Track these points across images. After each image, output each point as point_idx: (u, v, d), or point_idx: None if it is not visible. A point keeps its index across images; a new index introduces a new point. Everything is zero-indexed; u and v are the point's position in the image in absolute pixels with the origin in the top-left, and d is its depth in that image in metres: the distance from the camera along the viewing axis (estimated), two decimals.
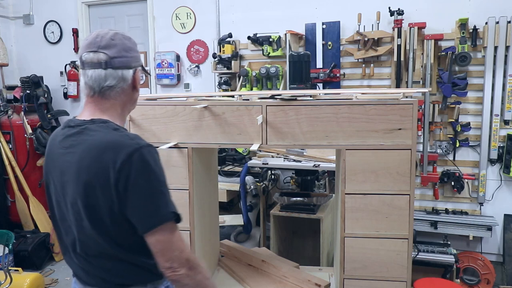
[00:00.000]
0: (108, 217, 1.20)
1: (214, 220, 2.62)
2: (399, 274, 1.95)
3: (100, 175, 1.17)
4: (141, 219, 1.19)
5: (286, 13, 3.91)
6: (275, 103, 1.94)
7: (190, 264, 1.23)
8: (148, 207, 1.18)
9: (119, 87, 1.27)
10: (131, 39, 1.36)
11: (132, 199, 1.17)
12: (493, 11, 3.30)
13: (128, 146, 1.18)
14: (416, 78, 3.53)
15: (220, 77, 4.09)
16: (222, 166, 3.71)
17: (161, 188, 1.20)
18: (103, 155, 1.17)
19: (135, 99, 1.38)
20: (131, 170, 1.16)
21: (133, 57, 1.31)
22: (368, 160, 1.90)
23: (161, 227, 1.19)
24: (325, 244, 3.02)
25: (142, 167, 1.17)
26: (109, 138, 1.21)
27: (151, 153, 1.20)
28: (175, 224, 1.22)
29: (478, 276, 3.39)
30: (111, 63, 1.25)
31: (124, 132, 1.25)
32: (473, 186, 3.54)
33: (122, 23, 4.67)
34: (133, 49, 1.33)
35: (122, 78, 1.27)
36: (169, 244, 1.20)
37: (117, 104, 1.30)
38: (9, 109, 4.28)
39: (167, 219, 1.19)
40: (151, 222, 1.18)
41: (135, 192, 1.17)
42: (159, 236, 1.19)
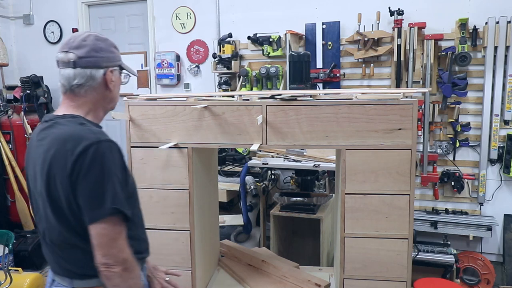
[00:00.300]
0: (67, 207, 1.24)
1: (214, 220, 2.62)
2: (399, 274, 1.95)
3: (60, 165, 1.23)
4: (86, 210, 1.22)
5: (286, 13, 3.91)
6: (275, 103, 1.94)
7: (127, 265, 1.25)
8: (94, 199, 1.21)
9: (88, 85, 1.34)
10: (107, 40, 1.41)
11: (82, 190, 1.21)
12: (493, 11, 3.30)
13: (88, 139, 1.23)
14: (416, 78, 3.53)
15: (220, 77, 4.09)
16: (222, 166, 3.71)
17: (111, 183, 1.22)
18: (64, 147, 1.23)
19: (111, 98, 1.43)
20: (85, 161, 1.20)
21: (103, 58, 1.36)
22: (368, 160, 1.90)
23: (103, 221, 1.21)
24: (325, 244, 3.02)
25: (95, 160, 1.21)
26: (73, 131, 1.27)
27: (109, 148, 1.24)
28: (119, 221, 1.25)
29: (478, 276, 3.39)
30: (79, 62, 1.32)
31: (89, 127, 1.30)
32: (473, 186, 3.54)
33: (122, 23, 4.67)
34: (105, 49, 1.37)
35: (90, 77, 1.33)
36: (108, 239, 1.23)
37: (88, 101, 1.36)
38: (9, 109, 4.28)
39: (109, 213, 1.21)
40: (94, 214, 1.21)
41: (85, 183, 1.21)
42: (100, 230, 1.22)
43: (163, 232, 2.09)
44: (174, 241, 2.09)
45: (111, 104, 1.46)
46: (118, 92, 1.46)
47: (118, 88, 1.45)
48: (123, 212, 1.24)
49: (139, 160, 2.05)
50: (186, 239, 2.08)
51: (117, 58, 1.42)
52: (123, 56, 1.50)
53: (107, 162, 1.23)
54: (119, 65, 1.42)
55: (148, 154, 2.04)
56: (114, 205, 1.22)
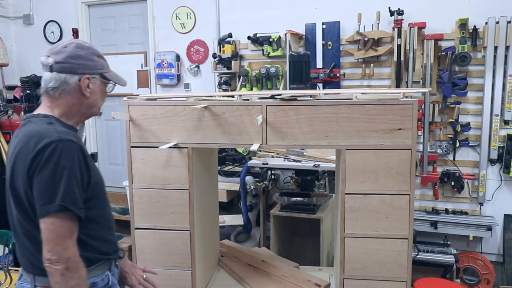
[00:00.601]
0: (26, 200, 1.31)
1: (214, 220, 2.62)
2: (399, 274, 1.95)
3: (22, 160, 1.31)
4: (38, 205, 1.28)
5: (286, 13, 3.91)
6: (275, 103, 1.94)
7: (69, 264, 1.28)
8: (45, 194, 1.27)
9: (61, 89, 1.41)
10: (91, 49, 1.48)
11: (36, 184, 1.28)
12: (493, 11, 3.30)
13: (49, 137, 1.29)
14: (416, 78, 3.53)
15: (220, 77, 4.09)
16: (222, 166, 3.71)
17: (64, 181, 1.27)
18: (28, 143, 1.31)
19: (89, 104, 1.48)
20: (43, 158, 1.27)
21: (80, 65, 1.43)
22: (368, 160, 1.90)
23: (51, 217, 1.27)
24: (325, 244, 3.02)
25: (52, 157, 1.27)
26: (39, 129, 1.34)
27: (69, 147, 1.30)
28: (69, 219, 1.29)
29: (478, 276, 3.39)
30: (55, 67, 1.41)
31: (55, 126, 1.36)
32: (473, 186, 3.54)
33: (122, 23, 4.67)
34: (83, 57, 1.43)
35: (64, 82, 1.41)
36: (55, 235, 1.27)
37: (62, 104, 1.44)
38: (9, 109, 4.28)
39: (57, 210, 1.26)
40: (43, 209, 1.27)
41: (39, 178, 1.27)
42: (48, 225, 1.27)
43: (163, 232, 2.09)
44: (174, 241, 2.09)
45: (90, 110, 1.51)
46: (100, 99, 1.52)
47: (100, 95, 1.51)
48: (72, 211, 1.28)
49: (139, 160, 2.05)
50: (186, 239, 2.08)
51: (97, 66, 1.47)
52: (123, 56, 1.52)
53: (63, 160, 1.28)
54: (100, 73, 1.48)
55: (148, 154, 2.04)
56: (63, 202, 1.26)
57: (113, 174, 4.95)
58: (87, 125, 4.87)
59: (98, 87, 1.49)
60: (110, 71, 1.54)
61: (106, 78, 1.51)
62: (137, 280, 1.68)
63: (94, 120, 4.92)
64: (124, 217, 4.25)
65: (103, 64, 1.51)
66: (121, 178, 4.52)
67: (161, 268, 2.11)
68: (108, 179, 5.04)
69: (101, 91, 1.51)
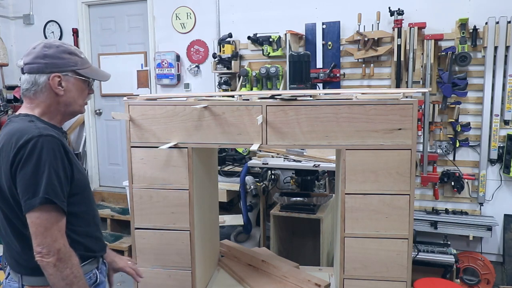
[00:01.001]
0: (11, 197, 1.33)
1: (214, 220, 2.62)
2: (399, 274, 1.95)
3: (5, 157, 1.33)
4: (22, 200, 1.30)
5: (286, 13, 3.92)
6: (275, 103, 1.94)
7: (60, 255, 1.30)
8: (29, 189, 1.29)
9: (33, 90, 1.42)
10: (61, 47, 1.46)
11: (19, 180, 1.30)
12: (493, 11, 3.30)
13: (30, 133, 1.31)
14: (416, 78, 3.53)
15: (220, 77, 4.09)
16: (222, 166, 3.71)
17: (46, 175, 1.29)
18: (10, 140, 1.33)
19: (66, 102, 1.47)
20: (24, 153, 1.29)
21: (47, 64, 1.42)
22: (368, 160, 1.90)
23: (36, 210, 1.28)
24: (325, 244, 3.02)
25: (33, 152, 1.29)
26: (20, 126, 1.36)
27: (49, 142, 1.31)
28: (54, 211, 1.31)
29: (478, 276, 3.39)
30: (25, 68, 1.43)
31: (36, 124, 1.37)
32: (473, 186, 3.54)
33: (122, 23, 4.67)
34: (50, 56, 1.42)
35: (35, 82, 1.42)
36: (42, 228, 1.29)
37: (40, 104, 1.44)
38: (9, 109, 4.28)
39: (40, 202, 1.28)
40: (28, 204, 1.29)
41: (22, 174, 1.29)
42: (34, 219, 1.29)
43: (163, 232, 2.09)
44: (174, 241, 2.09)
45: (70, 108, 1.49)
46: (78, 97, 1.49)
47: (77, 93, 1.48)
48: (56, 203, 1.30)
49: (139, 160, 2.05)
50: (186, 239, 2.08)
51: (68, 64, 1.45)
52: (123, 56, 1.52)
53: (44, 155, 1.30)
54: (73, 70, 1.46)
55: (148, 154, 2.04)
56: (46, 195, 1.28)
57: (113, 174, 4.95)
58: (87, 125, 4.87)
59: (73, 85, 1.47)
60: (86, 67, 1.51)
61: (81, 75, 1.48)
62: (125, 263, 1.73)
63: (94, 120, 4.92)
64: (124, 217, 4.25)
65: (76, 61, 1.48)
66: (121, 178, 4.53)
67: (161, 268, 2.12)
68: (108, 179, 5.10)
69: (78, 88, 1.49)
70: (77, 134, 4.95)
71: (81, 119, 4.86)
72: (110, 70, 4.71)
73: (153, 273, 2.11)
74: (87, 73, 1.50)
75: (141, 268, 2.11)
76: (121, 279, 3.70)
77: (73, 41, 4.72)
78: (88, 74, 1.50)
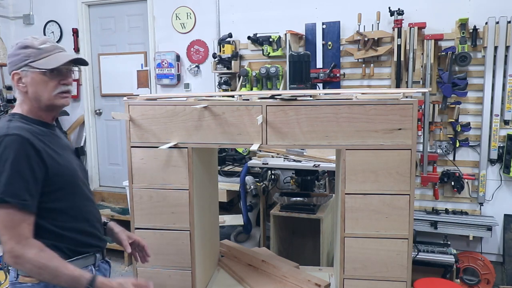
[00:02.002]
0: None
1: (214, 220, 2.62)
2: (399, 274, 1.95)
3: None
4: None
5: (286, 13, 3.91)
6: (275, 103, 1.94)
7: (14, 253, 1.33)
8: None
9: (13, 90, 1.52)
10: (19, 43, 1.46)
11: None
12: (493, 11, 3.30)
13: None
14: (416, 78, 3.53)
15: (220, 77, 4.09)
16: (222, 166, 3.71)
17: (5, 174, 1.30)
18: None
19: (33, 98, 1.46)
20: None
21: (10, 63, 1.46)
22: (368, 160, 1.90)
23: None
24: (325, 244, 3.02)
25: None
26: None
27: (14, 142, 1.33)
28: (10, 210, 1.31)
29: (478, 276, 3.39)
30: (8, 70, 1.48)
31: (11, 123, 1.40)
32: (473, 186, 3.54)
33: (122, 23, 4.67)
34: (12, 55, 1.46)
35: (11, 81, 1.48)
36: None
37: (22, 102, 1.49)
38: (9, 109, 4.29)
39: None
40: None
41: None
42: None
43: (163, 232, 2.09)
44: (174, 241, 2.09)
45: (41, 103, 1.46)
46: (42, 90, 1.44)
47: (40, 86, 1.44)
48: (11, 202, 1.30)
49: (139, 160, 2.05)
50: (186, 239, 2.08)
51: (21, 59, 1.43)
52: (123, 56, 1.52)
53: (5, 153, 1.31)
54: (26, 64, 1.43)
55: (148, 154, 2.04)
56: (1, 195, 1.29)
57: (113, 174, 4.95)
58: (87, 125, 4.87)
59: (32, 79, 1.43)
60: (41, 58, 1.43)
61: (34, 67, 1.42)
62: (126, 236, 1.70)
63: (94, 120, 4.92)
64: (124, 217, 4.25)
65: (29, 54, 1.43)
66: (121, 178, 4.52)
67: (161, 268, 2.12)
68: (108, 179, 5.10)
69: (39, 81, 1.43)
70: (77, 134, 4.95)
71: (81, 119, 4.86)
72: (110, 70, 4.76)
73: (153, 273, 2.11)
74: (40, 64, 1.43)
75: (141, 268, 2.12)
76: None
77: (73, 41, 4.72)
78: (39, 65, 1.42)
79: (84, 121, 4.86)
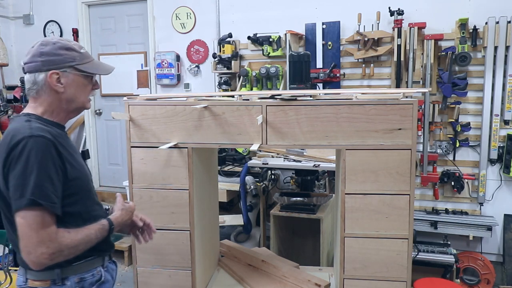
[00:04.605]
0: (8, 197, 1.33)
1: (214, 220, 2.62)
2: (399, 274, 1.95)
3: (0, 158, 1.33)
4: (12, 200, 1.30)
5: (286, 13, 3.92)
6: (275, 103, 1.94)
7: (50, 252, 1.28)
8: (17, 190, 1.28)
9: (34, 89, 1.43)
10: (58, 43, 1.44)
11: (10, 181, 1.31)
12: (493, 11, 3.30)
13: (22, 134, 1.31)
14: (416, 78, 3.53)
15: (220, 77, 4.09)
16: (222, 166, 3.71)
17: (34, 176, 1.28)
18: (5, 141, 1.34)
19: (68, 99, 1.46)
20: (15, 154, 1.29)
21: (44, 61, 1.41)
22: (368, 160, 1.90)
23: (23, 211, 1.27)
24: (325, 244, 3.02)
25: (23, 153, 1.29)
26: (16, 126, 1.37)
27: (40, 143, 1.30)
28: (39, 213, 1.28)
29: (478, 276, 3.39)
30: (26, 68, 1.43)
31: (31, 124, 1.36)
32: (473, 186, 3.54)
33: (122, 23, 4.67)
34: (47, 53, 1.41)
35: (34, 82, 1.42)
36: (27, 229, 1.28)
37: (43, 102, 1.45)
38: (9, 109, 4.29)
39: (27, 204, 1.27)
40: (16, 204, 1.28)
41: (12, 174, 1.30)
42: (20, 219, 1.28)
43: (163, 232, 2.09)
44: (174, 241, 2.09)
45: (72, 105, 1.48)
46: (80, 93, 1.48)
47: (78, 88, 1.47)
48: (42, 205, 1.28)
49: (139, 160, 2.05)
50: (186, 239, 2.08)
51: (65, 60, 1.43)
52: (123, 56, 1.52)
53: (33, 155, 1.29)
54: (71, 66, 1.44)
55: (148, 154, 2.04)
56: (33, 196, 1.26)
57: (113, 174, 4.95)
58: (87, 125, 4.87)
59: (73, 81, 1.44)
60: (86, 62, 1.48)
61: (80, 70, 1.46)
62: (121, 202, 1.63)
63: (94, 120, 4.92)
64: None
65: (74, 57, 1.45)
66: (121, 178, 4.53)
67: (161, 268, 2.12)
68: (108, 179, 5.10)
69: (79, 84, 1.47)
70: (77, 134, 4.95)
71: (81, 119, 4.86)
72: None
73: (153, 273, 2.11)
74: (87, 68, 1.48)
75: (141, 268, 2.12)
76: (122, 279, 3.70)
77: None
78: (88, 69, 1.48)
79: (84, 121, 4.86)
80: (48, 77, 1.40)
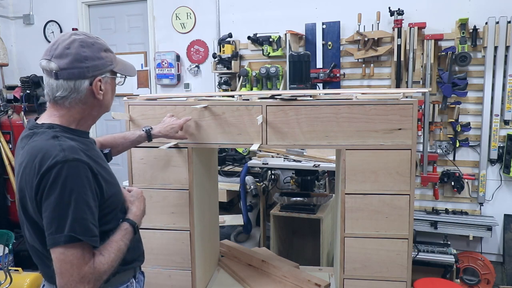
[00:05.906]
0: (40, 223, 1.19)
1: (214, 220, 2.62)
2: (399, 274, 1.95)
3: (28, 182, 1.18)
4: (46, 233, 1.16)
5: (286, 13, 3.92)
6: (275, 103, 1.94)
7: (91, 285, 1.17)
8: (53, 223, 1.14)
9: (72, 98, 1.25)
10: (96, 44, 1.28)
11: (44, 211, 1.16)
12: (493, 11, 3.30)
13: (53, 158, 1.15)
14: (416, 78, 3.53)
15: (220, 77, 4.09)
16: (222, 166, 3.71)
17: (72, 208, 1.14)
18: (33, 162, 1.17)
19: (101, 105, 1.33)
20: (48, 183, 1.14)
21: (89, 67, 1.25)
22: (368, 160, 1.90)
23: (61, 248, 1.14)
24: (325, 244, 3.02)
25: (56, 182, 1.14)
26: (43, 146, 1.19)
27: (75, 169, 1.16)
28: (79, 249, 1.15)
29: (478, 276, 3.39)
30: (62, 74, 1.23)
31: (61, 142, 1.20)
32: (473, 186, 3.54)
33: (122, 23, 4.67)
34: (90, 57, 1.25)
35: (74, 90, 1.24)
36: (68, 266, 1.14)
37: (74, 111, 1.28)
38: (9, 109, 4.28)
39: (65, 241, 1.13)
40: (52, 239, 1.14)
41: (46, 205, 1.15)
42: (58, 255, 1.14)
43: (163, 232, 2.09)
44: (174, 241, 2.09)
45: (104, 111, 1.37)
46: (111, 98, 1.37)
47: (111, 93, 1.36)
48: (74, 238, 1.14)
49: (139, 160, 2.05)
50: (186, 239, 2.08)
51: (107, 63, 1.30)
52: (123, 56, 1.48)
53: (69, 184, 1.14)
54: (111, 70, 1.32)
55: (148, 154, 2.04)
56: (72, 233, 1.13)
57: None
58: None
59: (110, 85, 1.33)
60: (118, 63, 1.36)
61: (115, 73, 1.34)
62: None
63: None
64: None
65: (112, 58, 1.32)
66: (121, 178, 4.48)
67: (161, 268, 2.12)
68: None
69: (113, 88, 1.35)
70: None
71: None
72: None
73: (153, 273, 2.11)
74: (121, 70, 1.35)
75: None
76: None
77: None
78: (121, 71, 1.35)
79: None
80: (94, 84, 1.26)
